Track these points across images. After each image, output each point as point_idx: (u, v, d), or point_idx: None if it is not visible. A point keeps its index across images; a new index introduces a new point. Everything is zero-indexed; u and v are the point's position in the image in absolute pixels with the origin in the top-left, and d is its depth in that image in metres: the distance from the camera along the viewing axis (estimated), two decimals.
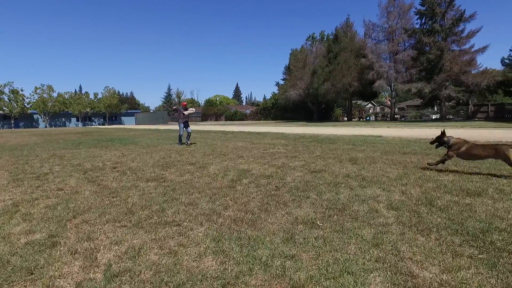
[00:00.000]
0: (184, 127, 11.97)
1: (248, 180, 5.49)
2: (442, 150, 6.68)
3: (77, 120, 72.89)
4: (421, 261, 2.41)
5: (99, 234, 3.15)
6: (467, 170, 5.74)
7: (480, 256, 2.46)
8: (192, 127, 12.25)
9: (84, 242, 2.95)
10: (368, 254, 2.53)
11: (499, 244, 2.62)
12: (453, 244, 2.68)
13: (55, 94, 69.40)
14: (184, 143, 12.20)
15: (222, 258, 2.57)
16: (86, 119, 74.52)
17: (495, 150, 5.20)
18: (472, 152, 5.43)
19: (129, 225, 3.40)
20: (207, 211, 3.79)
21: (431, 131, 16.48)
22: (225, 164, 7.21)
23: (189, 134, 12.07)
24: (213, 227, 3.25)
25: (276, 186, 4.93)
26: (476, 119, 35.38)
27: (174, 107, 14.03)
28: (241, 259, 2.53)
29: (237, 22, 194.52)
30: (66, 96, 71.79)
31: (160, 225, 3.37)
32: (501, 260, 2.37)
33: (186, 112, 11.90)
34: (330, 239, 2.85)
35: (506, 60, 38.36)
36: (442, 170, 5.76)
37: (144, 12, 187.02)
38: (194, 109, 12.78)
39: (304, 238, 2.88)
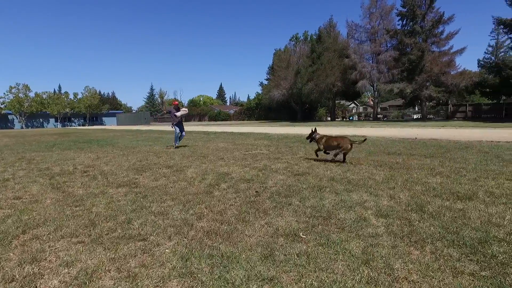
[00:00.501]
0: (179, 129, 11.32)
1: (227, 184, 5.11)
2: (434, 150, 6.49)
3: (56, 121, 70.24)
4: (418, 282, 2.09)
5: (49, 254, 2.70)
6: (454, 171, 5.56)
7: (483, 273, 2.16)
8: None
9: (26, 265, 2.49)
10: (358, 274, 2.20)
11: (501, 258, 2.34)
12: (451, 258, 2.39)
13: (32, 94, 66.73)
14: (173, 145, 11.49)
15: (189, 282, 2.19)
16: (65, 119, 71.97)
17: (341, 141, 6.63)
18: (329, 143, 6.78)
19: (87, 241, 2.96)
20: (178, 222, 3.39)
21: (413, 131, 16.55)
22: (204, 167, 6.80)
23: (182, 137, 11.50)
24: (182, 242, 2.85)
25: (256, 191, 4.57)
26: (455, 118, 36.23)
27: (165, 109, 13.33)
28: (211, 283, 2.16)
29: (221, 22, 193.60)
30: (44, 96, 69.04)
31: (123, 240, 2.95)
32: (507, 278, 2.08)
33: (178, 114, 11.26)
34: (314, 255, 2.50)
35: (482, 62, 39.53)
36: (429, 172, 5.55)
37: (127, 11, 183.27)
38: (186, 110, 12.21)
39: (285, 255, 2.53)
